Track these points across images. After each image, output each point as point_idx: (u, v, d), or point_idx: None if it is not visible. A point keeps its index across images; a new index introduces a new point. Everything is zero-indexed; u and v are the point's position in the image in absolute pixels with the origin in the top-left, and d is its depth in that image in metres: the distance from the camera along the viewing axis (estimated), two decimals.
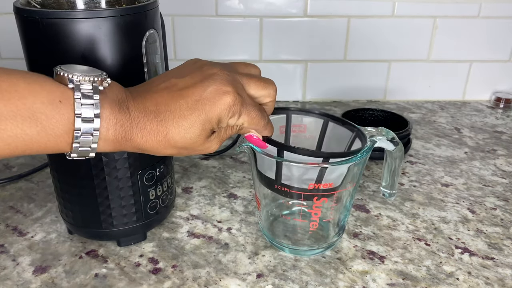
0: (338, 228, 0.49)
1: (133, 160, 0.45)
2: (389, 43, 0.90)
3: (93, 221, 0.47)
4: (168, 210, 0.53)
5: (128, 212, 0.47)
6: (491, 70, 0.94)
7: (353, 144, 0.47)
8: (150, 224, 0.51)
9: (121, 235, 0.49)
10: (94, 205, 0.46)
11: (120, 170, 0.45)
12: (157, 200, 0.49)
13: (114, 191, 0.45)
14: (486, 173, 0.66)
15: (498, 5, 0.88)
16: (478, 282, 0.45)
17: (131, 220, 0.48)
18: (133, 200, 0.47)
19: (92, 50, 0.39)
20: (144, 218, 0.49)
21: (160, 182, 0.49)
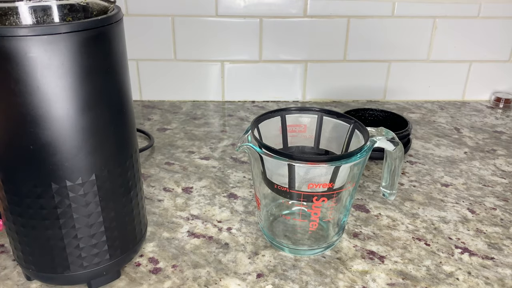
0: (338, 228, 0.50)
1: (103, 192, 0.40)
2: (389, 43, 0.90)
3: (59, 265, 0.41)
4: (144, 239, 0.48)
5: (100, 250, 0.41)
6: (491, 70, 0.94)
7: (353, 135, 0.48)
8: (124, 260, 0.45)
9: (92, 276, 0.43)
10: (60, 246, 0.40)
11: (90, 204, 0.39)
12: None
13: (83, 229, 0.40)
14: (485, 173, 0.66)
15: (498, 5, 0.88)
16: (478, 282, 0.45)
17: (103, 259, 0.42)
18: (105, 236, 0.41)
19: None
20: (120, 253, 0.43)
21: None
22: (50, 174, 0.37)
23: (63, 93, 0.34)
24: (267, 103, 0.94)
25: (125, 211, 0.43)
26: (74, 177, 0.38)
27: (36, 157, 0.36)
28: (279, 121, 0.50)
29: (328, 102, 0.95)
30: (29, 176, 0.37)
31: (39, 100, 0.34)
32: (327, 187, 0.44)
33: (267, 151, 0.43)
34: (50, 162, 0.36)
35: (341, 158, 0.42)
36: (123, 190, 0.42)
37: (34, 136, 0.35)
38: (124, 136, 0.41)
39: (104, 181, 0.39)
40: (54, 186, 0.37)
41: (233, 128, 0.81)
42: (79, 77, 0.35)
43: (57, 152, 0.36)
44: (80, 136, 0.36)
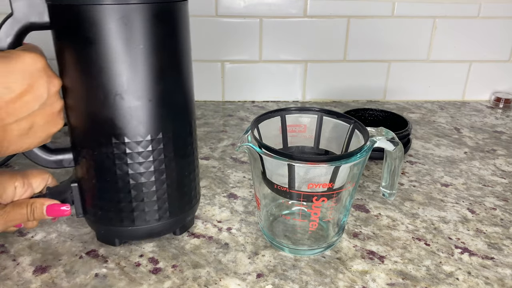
0: (338, 228, 0.50)
1: (168, 152, 0.44)
2: (388, 43, 0.90)
3: (126, 218, 0.46)
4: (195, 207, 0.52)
5: (161, 206, 0.46)
6: (491, 70, 0.94)
7: (353, 135, 0.48)
8: (181, 220, 0.50)
9: (153, 232, 0.48)
10: (127, 200, 0.45)
11: (156, 161, 0.44)
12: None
13: (148, 184, 0.45)
14: (485, 173, 0.66)
15: (498, 5, 0.88)
16: (478, 282, 0.45)
17: (164, 216, 0.47)
18: (166, 194, 0.46)
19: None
20: (179, 213, 0.48)
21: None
22: (127, 130, 0.42)
23: (138, 60, 0.40)
24: (267, 103, 0.94)
25: (184, 173, 0.47)
26: (144, 133, 0.42)
27: (116, 116, 0.41)
28: (279, 121, 0.50)
29: (328, 102, 0.95)
30: (107, 132, 0.42)
31: (117, 65, 0.39)
32: (327, 187, 0.44)
33: (267, 151, 0.43)
34: (126, 119, 0.41)
35: (341, 158, 0.42)
36: (184, 153, 0.46)
37: (119, 102, 0.40)
38: (188, 103, 0.46)
39: (169, 141, 0.44)
40: (127, 141, 0.42)
41: (233, 128, 0.81)
42: (154, 44, 0.40)
43: (132, 111, 0.41)
44: (155, 99, 0.42)
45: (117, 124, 0.41)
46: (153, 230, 0.47)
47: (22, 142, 0.39)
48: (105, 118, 0.41)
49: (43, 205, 0.45)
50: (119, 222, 0.46)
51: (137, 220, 0.46)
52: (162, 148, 0.44)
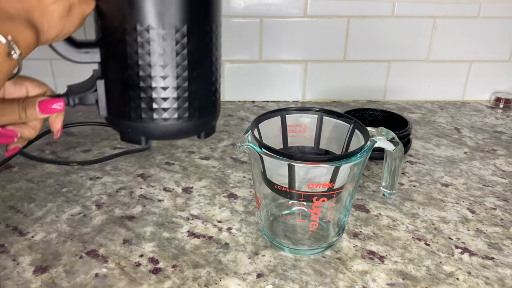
0: (338, 228, 0.50)
1: (191, 47, 0.43)
2: (389, 43, 0.90)
3: (146, 111, 0.44)
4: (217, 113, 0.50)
5: (181, 106, 0.45)
6: (491, 70, 0.94)
7: (353, 135, 0.48)
8: (203, 125, 0.48)
9: (171, 131, 0.46)
10: (148, 94, 0.44)
11: (179, 55, 0.43)
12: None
13: (169, 79, 0.44)
14: (486, 173, 0.66)
15: (498, 5, 0.88)
16: (478, 282, 0.45)
17: (183, 116, 0.45)
18: (187, 92, 0.45)
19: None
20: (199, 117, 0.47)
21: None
22: (155, 18, 0.41)
23: None
24: (267, 103, 0.94)
25: (209, 76, 0.46)
26: (171, 23, 0.41)
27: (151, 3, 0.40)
28: (279, 121, 0.50)
29: (328, 102, 0.95)
30: (136, 19, 0.41)
31: None
32: (327, 187, 0.44)
33: (267, 151, 0.43)
34: (159, 7, 0.41)
35: (341, 158, 0.42)
36: (207, 54, 0.45)
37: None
38: (217, 4, 0.45)
39: (193, 36, 0.43)
40: (152, 29, 0.41)
41: (233, 128, 0.81)
42: None
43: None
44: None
45: (145, 11, 0.41)
46: (181, 128, 0.45)
47: (62, 25, 0.38)
48: (133, 4, 0.40)
49: (35, 101, 0.43)
50: (148, 118, 0.44)
51: (165, 116, 0.44)
52: (186, 42, 0.43)
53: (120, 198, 0.59)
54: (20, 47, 0.34)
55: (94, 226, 0.53)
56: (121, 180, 0.63)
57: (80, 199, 0.58)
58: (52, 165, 0.67)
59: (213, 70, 0.47)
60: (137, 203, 0.58)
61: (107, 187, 0.61)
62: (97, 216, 0.55)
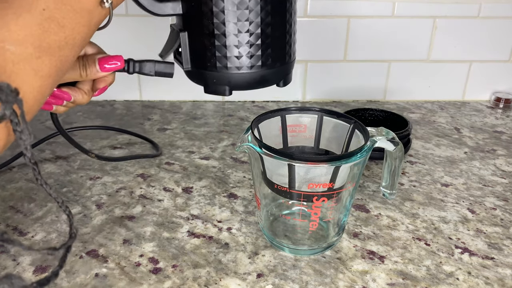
0: (338, 228, 0.50)
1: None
2: (389, 43, 0.90)
3: (220, 60, 0.45)
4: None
5: (254, 53, 0.45)
6: (491, 70, 0.94)
7: (353, 135, 0.48)
8: (277, 75, 0.48)
9: (245, 80, 0.46)
10: (222, 42, 0.44)
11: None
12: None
13: (242, 25, 0.44)
14: (486, 173, 0.66)
15: (498, 5, 0.88)
16: (478, 282, 0.45)
17: (256, 64, 0.45)
18: (260, 40, 0.45)
19: None
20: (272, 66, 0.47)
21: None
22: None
23: None
24: (267, 103, 0.94)
25: (285, 26, 0.45)
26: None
27: None
28: (279, 121, 0.50)
29: (328, 102, 0.95)
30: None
31: None
32: (327, 187, 0.44)
33: (267, 151, 0.43)
34: None
35: (341, 158, 0.42)
36: (282, 7, 0.45)
37: None
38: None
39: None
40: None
41: (233, 128, 0.81)
42: None
43: None
44: None
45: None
46: (263, 75, 0.45)
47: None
48: None
49: (95, 58, 0.43)
50: (233, 67, 0.44)
51: (248, 65, 0.44)
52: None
53: (120, 198, 0.59)
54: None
55: (94, 226, 0.53)
56: (121, 180, 0.63)
57: (80, 199, 0.58)
58: (52, 165, 0.67)
59: (291, 20, 0.47)
60: (137, 203, 0.58)
61: (107, 187, 0.61)
62: (97, 216, 0.55)
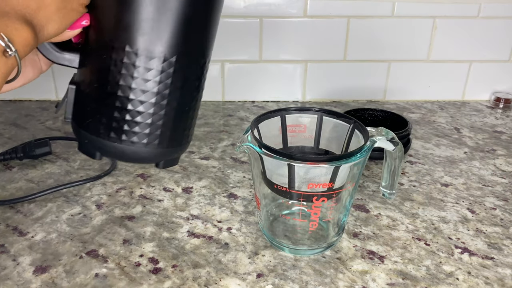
0: (338, 228, 0.50)
1: (176, 78, 0.43)
2: (389, 43, 0.90)
3: (117, 131, 0.43)
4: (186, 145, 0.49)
5: (153, 132, 0.44)
6: (491, 70, 0.94)
7: (353, 135, 0.48)
8: (166, 154, 0.47)
9: (138, 154, 0.45)
10: (122, 116, 0.43)
11: (162, 84, 0.42)
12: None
13: (147, 105, 0.43)
14: (485, 173, 0.66)
15: (498, 5, 0.88)
16: (478, 282, 0.45)
17: (152, 143, 0.45)
18: (162, 121, 0.44)
19: None
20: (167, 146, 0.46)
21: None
22: (144, 42, 0.40)
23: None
24: (267, 103, 0.94)
25: (185, 107, 0.45)
26: (161, 51, 0.41)
27: (144, 26, 0.40)
28: (279, 121, 0.50)
29: (328, 102, 0.95)
30: (126, 38, 0.40)
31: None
32: (327, 187, 0.44)
33: (267, 151, 0.43)
34: (151, 32, 0.40)
35: (341, 158, 0.42)
36: (191, 86, 0.45)
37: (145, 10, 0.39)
38: (209, 41, 0.45)
39: (181, 68, 0.42)
40: (140, 53, 0.41)
41: (233, 128, 0.81)
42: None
43: (158, 25, 0.40)
44: (181, 19, 0.41)
45: (136, 33, 0.40)
46: (139, 154, 0.44)
47: (61, 18, 0.37)
48: (126, 22, 0.39)
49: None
50: (107, 135, 0.43)
51: (125, 138, 0.43)
52: (172, 72, 0.42)
53: (120, 198, 0.59)
54: (16, 44, 0.32)
55: (94, 226, 0.53)
56: (121, 180, 0.63)
57: (80, 199, 0.58)
58: (52, 165, 0.67)
59: (192, 104, 0.46)
60: (137, 203, 0.58)
61: (107, 187, 0.61)
62: (97, 216, 0.55)
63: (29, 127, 0.80)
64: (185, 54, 0.42)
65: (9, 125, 0.80)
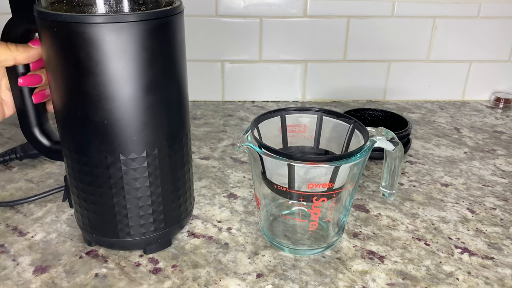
0: (338, 228, 0.50)
1: (153, 169, 0.43)
2: (389, 43, 0.90)
3: (111, 231, 0.45)
4: (189, 214, 0.51)
5: (146, 222, 0.45)
6: (491, 70, 0.94)
7: (353, 135, 0.48)
8: (172, 231, 0.49)
9: (142, 244, 0.47)
10: (122, 213, 0.44)
11: (139, 179, 0.43)
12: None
13: (132, 200, 0.44)
14: (485, 173, 0.66)
15: (498, 5, 0.88)
16: (478, 282, 0.45)
17: (148, 230, 0.46)
18: (151, 210, 0.45)
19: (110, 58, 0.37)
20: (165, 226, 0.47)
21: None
22: (119, 147, 0.41)
23: (133, 73, 0.39)
24: (267, 103, 0.94)
25: (179, 185, 0.47)
26: (139, 150, 0.42)
27: (109, 131, 0.40)
28: (279, 121, 0.50)
29: (328, 102, 0.95)
30: (101, 148, 0.41)
31: (113, 79, 0.38)
32: (327, 187, 0.44)
33: (267, 151, 0.43)
34: (121, 136, 0.41)
35: (341, 158, 0.42)
36: (180, 165, 0.46)
37: (108, 112, 0.39)
38: (182, 115, 0.45)
39: (164, 155, 0.44)
40: (122, 158, 0.41)
41: (233, 128, 0.81)
42: (146, 60, 0.39)
43: (126, 127, 0.40)
44: (147, 114, 0.41)
45: (112, 141, 0.41)
46: (150, 240, 0.47)
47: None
48: (97, 133, 0.40)
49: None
50: (110, 234, 0.46)
51: (132, 232, 0.46)
52: (157, 163, 0.43)
53: None
54: None
55: None
56: None
57: None
58: (52, 165, 0.67)
59: (185, 180, 0.48)
60: None
61: None
62: None
63: None
64: (165, 143, 0.43)
65: (9, 125, 0.80)
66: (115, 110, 0.39)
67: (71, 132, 0.42)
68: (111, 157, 0.41)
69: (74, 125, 0.41)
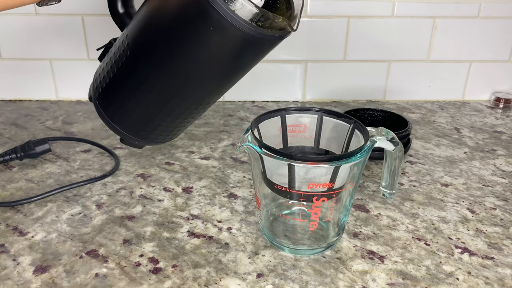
0: (338, 228, 0.50)
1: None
2: (389, 43, 0.90)
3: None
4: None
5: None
6: (491, 70, 0.94)
7: (353, 135, 0.48)
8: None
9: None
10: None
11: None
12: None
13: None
14: (485, 173, 0.66)
15: (498, 5, 0.88)
16: (478, 282, 0.45)
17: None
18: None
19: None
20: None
21: None
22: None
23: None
24: (267, 103, 0.94)
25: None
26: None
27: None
28: (279, 121, 0.50)
29: (328, 102, 0.95)
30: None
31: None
32: (327, 187, 0.44)
33: (267, 151, 0.43)
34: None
35: (341, 158, 0.42)
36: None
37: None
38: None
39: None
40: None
41: (233, 128, 0.81)
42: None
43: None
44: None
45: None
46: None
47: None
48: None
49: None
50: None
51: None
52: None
53: (120, 198, 0.59)
54: None
55: (94, 226, 0.53)
56: (121, 180, 0.63)
57: (80, 199, 0.58)
58: (52, 165, 0.67)
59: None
60: (137, 203, 0.58)
61: (107, 187, 0.61)
62: (97, 216, 0.55)
63: (29, 127, 0.80)
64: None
65: (9, 125, 0.80)
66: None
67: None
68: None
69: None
